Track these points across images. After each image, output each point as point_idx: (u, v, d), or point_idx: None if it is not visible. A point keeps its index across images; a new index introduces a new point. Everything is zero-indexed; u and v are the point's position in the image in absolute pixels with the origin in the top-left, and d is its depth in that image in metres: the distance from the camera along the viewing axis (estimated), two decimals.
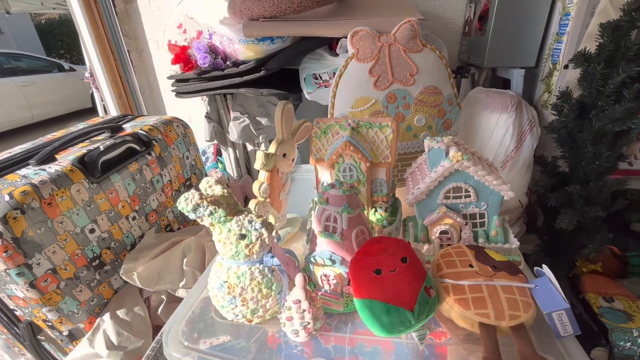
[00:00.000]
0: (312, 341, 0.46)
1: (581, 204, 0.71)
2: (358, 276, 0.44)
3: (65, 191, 0.56)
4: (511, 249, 0.54)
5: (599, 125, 0.66)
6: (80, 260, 0.59)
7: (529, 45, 0.87)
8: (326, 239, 0.49)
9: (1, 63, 4.41)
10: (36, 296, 0.53)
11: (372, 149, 0.61)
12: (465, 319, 0.42)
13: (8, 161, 0.59)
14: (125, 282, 0.68)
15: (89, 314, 0.60)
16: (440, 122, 0.77)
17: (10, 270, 0.50)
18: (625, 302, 0.84)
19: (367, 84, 0.75)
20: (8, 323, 0.60)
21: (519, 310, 0.41)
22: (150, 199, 0.74)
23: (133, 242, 0.69)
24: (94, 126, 0.74)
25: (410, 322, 0.40)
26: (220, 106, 1.11)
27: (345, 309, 0.49)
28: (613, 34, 0.61)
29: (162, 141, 0.78)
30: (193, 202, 0.43)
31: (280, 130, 0.62)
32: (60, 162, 0.59)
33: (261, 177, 0.60)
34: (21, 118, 4.44)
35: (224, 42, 0.94)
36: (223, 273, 0.46)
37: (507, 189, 0.51)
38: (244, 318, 0.46)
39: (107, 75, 1.40)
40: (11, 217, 0.48)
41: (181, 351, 0.44)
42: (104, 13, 1.33)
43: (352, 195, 0.49)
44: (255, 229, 0.44)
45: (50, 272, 0.54)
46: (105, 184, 0.63)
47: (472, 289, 0.43)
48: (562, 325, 0.41)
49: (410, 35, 0.74)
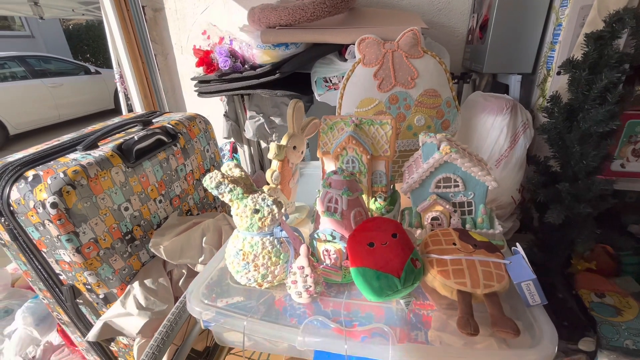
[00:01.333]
0: (313, 304, 0.53)
1: (569, 200, 0.76)
2: (354, 248, 0.51)
3: (107, 172, 0.65)
4: (495, 234, 0.59)
5: (585, 127, 0.71)
6: (116, 233, 0.68)
7: (526, 53, 0.93)
8: (328, 217, 0.56)
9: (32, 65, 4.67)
10: (80, 260, 0.62)
11: (372, 143, 0.68)
12: (445, 287, 0.48)
13: (60, 147, 0.69)
14: (152, 257, 0.77)
15: (121, 281, 0.69)
16: (439, 123, 0.84)
17: (62, 237, 0.59)
18: (616, 297, 0.87)
19: (371, 87, 0.83)
20: (52, 286, 0.69)
21: (492, 281, 0.47)
22: (175, 186, 0.83)
23: (159, 222, 0.78)
24: (128, 120, 0.84)
25: (397, 287, 0.47)
26: (238, 106, 1.20)
27: (343, 279, 0.56)
28: (596, 43, 0.67)
29: (187, 134, 0.87)
30: (216, 180, 0.51)
31: (291, 125, 0.70)
32: (103, 148, 0.69)
33: (273, 166, 0.68)
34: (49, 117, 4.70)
35: (243, 47, 1.03)
36: (239, 242, 0.54)
37: (491, 179, 0.57)
38: (256, 282, 0.54)
39: (135, 76, 1.52)
40: (65, 191, 0.58)
41: (202, 307, 0.52)
42: (135, 20, 1.46)
43: (352, 181, 0.56)
44: (267, 205, 0.52)
45: (92, 240, 0.63)
46: (138, 169, 0.73)
47: (453, 262, 0.49)
48: (530, 295, 0.46)
49: (412, 43, 0.82)
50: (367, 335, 0.46)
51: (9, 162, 0.63)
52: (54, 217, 0.57)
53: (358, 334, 0.46)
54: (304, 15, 0.94)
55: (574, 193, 0.76)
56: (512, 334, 0.42)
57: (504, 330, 0.42)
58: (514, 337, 0.42)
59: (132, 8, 1.44)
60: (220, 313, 0.51)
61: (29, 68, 4.56)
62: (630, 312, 0.83)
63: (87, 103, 5.18)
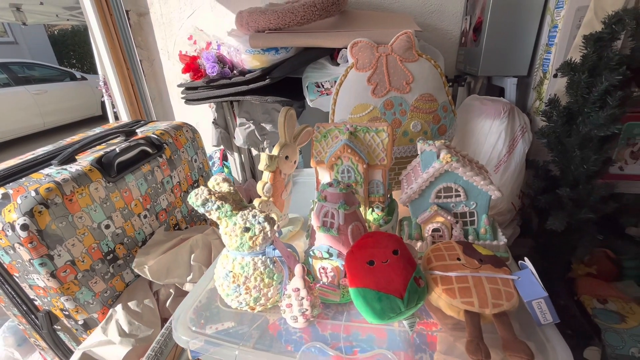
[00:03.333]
0: (310, 328, 0.49)
1: (570, 205, 0.74)
2: (353, 267, 0.48)
3: (84, 189, 0.60)
4: (499, 245, 0.57)
5: (585, 131, 0.69)
6: (96, 253, 0.63)
7: (521, 55, 0.91)
8: (324, 233, 0.52)
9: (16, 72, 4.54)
10: (56, 285, 0.57)
11: (368, 151, 0.65)
12: (452, 307, 0.45)
13: (33, 162, 0.64)
14: (136, 276, 0.72)
15: (103, 305, 0.64)
16: (436, 128, 0.81)
17: (34, 260, 0.54)
18: (619, 303, 0.85)
19: (365, 92, 0.80)
20: (27, 312, 0.64)
21: (501, 299, 0.44)
22: (161, 199, 0.79)
23: (144, 239, 0.74)
24: (110, 130, 0.79)
25: (400, 309, 0.44)
26: (227, 113, 1.16)
27: (341, 299, 0.52)
28: (595, 45, 0.65)
29: (173, 145, 0.83)
30: (202, 197, 0.47)
31: (283, 134, 0.66)
32: (80, 162, 0.64)
33: (265, 178, 0.65)
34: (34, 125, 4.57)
35: (232, 52, 1.00)
36: (228, 263, 0.50)
37: (494, 189, 0.55)
38: (247, 306, 0.50)
39: (120, 83, 1.46)
40: (37, 211, 0.53)
41: (189, 335, 0.48)
42: (119, 25, 1.41)
43: (349, 194, 0.53)
44: (258, 223, 0.48)
45: (69, 263, 0.58)
46: (120, 183, 0.68)
47: (458, 279, 0.46)
48: (541, 313, 0.44)
49: (406, 46, 0.79)
50: None
51: None
52: (25, 240, 0.52)
53: None
54: (294, 19, 0.91)
55: (575, 198, 0.74)
56: (526, 358, 0.39)
57: (517, 355, 0.39)
58: None
59: (115, 12, 1.39)
60: (210, 342, 0.47)
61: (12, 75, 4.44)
62: (634, 318, 0.81)
63: (73, 110, 5.05)
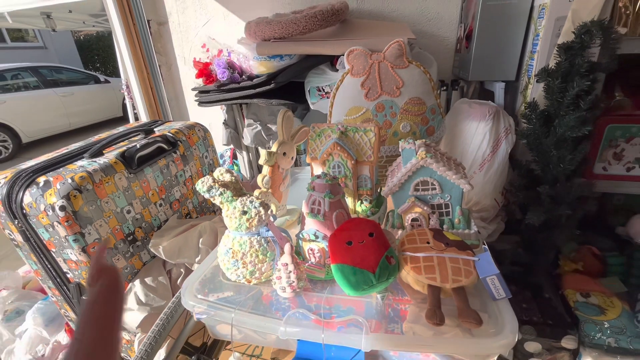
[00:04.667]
0: (297, 299, 0.57)
1: (548, 202, 0.79)
2: (334, 247, 0.55)
3: (110, 178, 0.71)
4: (470, 234, 0.63)
5: (560, 132, 0.74)
6: (119, 234, 0.73)
7: (509, 61, 0.97)
8: (312, 219, 0.60)
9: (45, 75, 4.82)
10: (86, 259, 0.67)
11: (357, 149, 0.73)
12: (418, 282, 0.52)
13: (68, 155, 0.75)
14: (152, 257, 0.82)
15: (124, 279, 0.74)
16: (424, 129, 0.88)
17: (69, 237, 0.64)
18: (601, 297, 0.89)
19: (359, 96, 0.88)
20: (60, 284, 0.74)
21: (461, 276, 0.51)
22: (174, 190, 0.89)
23: (159, 225, 0.83)
24: (131, 129, 0.90)
25: (372, 282, 0.51)
26: (237, 114, 1.26)
27: (326, 276, 0.60)
28: (567, 53, 0.70)
29: (186, 142, 0.93)
30: (207, 184, 0.56)
31: (281, 132, 0.75)
32: (107, 156, 0.75)
33: (264, 171, 0.73)
34: (60, 125, 4.85)
35: (241, 59, 1.09)
36: (229, 242, 0.58)
37: (465, 182, 0.61)
38: (244, 279, 0.58)
39: (140, 87, 1.59)
40: (72, 195, 0.63)
41: (195, 301, 0.57)
42: (141, 33, 1.54)
43: (334, 184, 0.61)
44: (254, 207, 0.56)
45: (97, 240, 0.68)
46: (140, 175, 0.78)
47: (425, 259, 0.53)
48: (495, 289, 0.50)
49: (397, 54, 0.86)
50: (344, 325, 0.50)
51: (22, 170, 0.69)
52: (62, 219, 0.63)
53: (335, 325, 0.50)
54: (297, 29, 1.00)
55: (552, 195, 0.79)
56: (475, 324, 0.46)
57: (468, 320, 0.46)
58: (477, 327, 0.46)
59: (138, 22, 1.52)
60: (212, 306, 0.55)
61: (42, 78, 4.72)
62: (613, 311, 0.85)
63: (96, 111, 5.32)
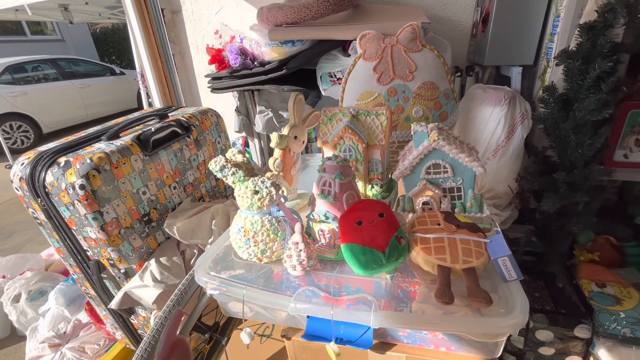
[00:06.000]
0: (307, 277, 0.58)
1: (564, 189, 0.77)
2: (344, 227, 0.56)
3: (127, 160, 0.73)
4: (482, 217, 0.62)
5: (579, 116, 0.72)
6: (135, 214, 0.75)
7: (527, 45, 0.94)
8: (322, 200, 0.61)
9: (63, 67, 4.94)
10: (104, 237, 0.70)
11: (368, 133, 0.72)
12: (427, 262, 0.52)
13: (87, 137, 0.77)
14: (167, 238, 0.84)
15: (140, 258, 0.77)
16: (437, 114, 0.86)
17: (89, 215, 0.67)
18: (617, 288, 0.87)
19: (371, 80, 0.87)
20: (81, 261, 0.78)
21: (471, 257, 0.50)
22: (188, 174, 0.91)
23: (173, 207, 0.86)
24: (146, 114, 0.92)
25: (382, 261, 0.51)
26: (249, 101, 1.27)
27: (336, 256, 0.61)
28: (589, 34, 0.68)
29: (199, 127, 0.94)
30: (220, 163, 0.57)
31: (292, 116, 0.75)
32: (124, 138, 0.77)
33: (275, 154, 0.74)
34: (78, 116, 4.98)
35: (253, 45, 1.09)
36: (241, 221, 0.59)
37: (478, 165, 0.60)
38: (256, 257, 0.60)
39: (155, 75, 1.62)
40: (91, 175, 0.65)
41: (208, 277, 0.58)
42: (155, 22, 1.55)
43: (345, 166, 0.61)
44: (266, 187, 0.57)
45: (114, 220, 0.71)
46: (155, 157, 0.80)
47: (435, 240, 0.53)
48: (507, 270, 0.50)
49: (411, 37, 0.85)
50: (353, 303, 0.51)
51: (43, 151, 0.72)
52: (82, 197, 0.65)
53: (344, 302, 0.51)
54: (309, 14, 0.99)
55: (569, 182, 0.77)
56: (485, 303, 0.45)
57: (478, 299, 0.46)
58: (487, 306, 0.46)
59: (152, 11, 1.54)
60: (224, 283, 0.57)
61: (60, 70, 4.85)
62: (630, 302, 0.83)
63: (112, 103, 5.43)
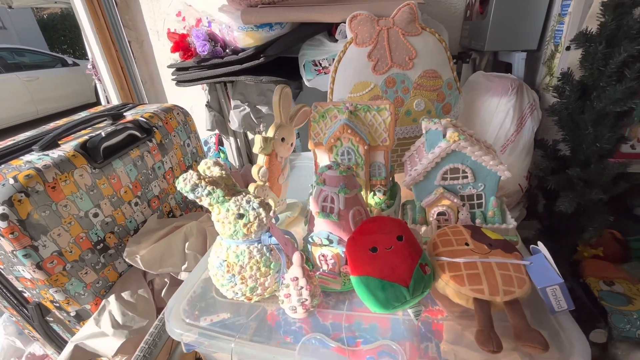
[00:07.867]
0: (310, 318, 0.47)
1: (581, 186, 0.71)
2: (354, 254, 0.45)
3: (68, 176, 0.57)
4: (508, 229, 0.54)
5: (600, 107, 0.65)
6: (85, 243, 0.60)
7: (530, 28, 0.85)
8: (324, 219, 0.49)
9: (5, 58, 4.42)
10: (43, 277, 0.54)
11: (370, 132, 0.61)
12: (460, 295, 0.43)
13: (12, 147, 0.60)
14: (130, 266, 0.69)
15: (95, 296, 0.62)
16: (440, 106, 0.77)
17: (17, 252, 0.51)
18: (626, 285, 0.84)
19: (366, 69, 0.75)
20: (17, 305, 0.62)
21: (513, 286, 0.41)
22: (152, 185, 0.75)
23: (136, 227, 0.71)
24: (96, 114, 0.75)
25: (406, 298, 0.41)
26: (221, 95, 1.11)
27: (343, 287, 0.50)
28: (615, 12, 0.60)
29: (163, 128, 0.79)
30: (191, 182, 0.43)
31: (278, 114, 0.62)
32: (64, 147, 0.61)
33: (260, 161, 0.61)
34: (26, 113, 4.48)
35: (223, 29, 0.94)
36: (222, 252, 0.47)
37: (504, 169, 0.51)
38: (244, 296, 0.47)
39: (108, 66, 1.40)
40: (16, 200, 0.50)
41: (182, 327, 0.45)
42: (105, 3, 1.33)
43: (349, 176, 0.50)
44: (253, 209, 0.45)
45: (56, 254, 0.55)
46: (107, 169, 0.64)
47: (467, 266, 0.44)
48: (556, 301, 0.41)
49: (409, 19, 0.74)
50: (373, 355, 0.40)
51: None
52: (5, 231, 0.49)
53: (363, 354, 0.41)
54: None
55: (585, 179, 0.71)
56: (540, 348, 0.36)
57: (531, 344, 0.37)
58: (543, 352, 0.37)
59: None
60: (204, 334, 0.44)
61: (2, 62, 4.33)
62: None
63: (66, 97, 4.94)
